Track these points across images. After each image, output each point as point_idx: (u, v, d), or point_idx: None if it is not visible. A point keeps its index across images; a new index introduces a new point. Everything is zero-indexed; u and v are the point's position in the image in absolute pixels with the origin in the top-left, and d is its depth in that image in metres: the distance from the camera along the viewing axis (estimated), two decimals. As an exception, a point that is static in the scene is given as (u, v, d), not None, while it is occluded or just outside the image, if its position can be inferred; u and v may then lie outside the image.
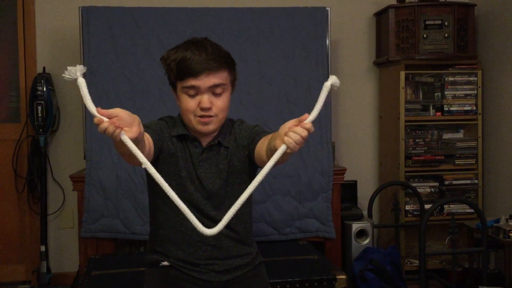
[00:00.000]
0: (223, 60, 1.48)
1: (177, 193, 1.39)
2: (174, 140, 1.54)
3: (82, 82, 1.13)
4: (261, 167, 1.31)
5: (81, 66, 1.14)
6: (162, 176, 1.30)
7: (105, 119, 1.14)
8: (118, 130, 1.14)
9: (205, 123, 1.48)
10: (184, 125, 1.55)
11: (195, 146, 1.55)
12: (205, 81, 1.44)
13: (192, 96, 1.47)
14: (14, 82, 3.39)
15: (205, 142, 1.56)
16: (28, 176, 3.30)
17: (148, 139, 1.38)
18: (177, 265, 1.55)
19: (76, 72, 1.13)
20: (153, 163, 1.44)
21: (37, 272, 3.24)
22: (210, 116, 1.47)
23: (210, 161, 1.54)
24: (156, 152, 1.46)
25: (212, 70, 1.44)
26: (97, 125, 1.14)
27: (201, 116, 1.47)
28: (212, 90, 1.47)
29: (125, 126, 1.16)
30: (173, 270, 1.55)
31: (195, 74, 1.44)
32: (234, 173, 1.56)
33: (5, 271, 3.39)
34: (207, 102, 1.45)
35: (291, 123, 1.20)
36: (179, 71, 1.46)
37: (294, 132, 1.16)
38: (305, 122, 1.17)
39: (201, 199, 1.53)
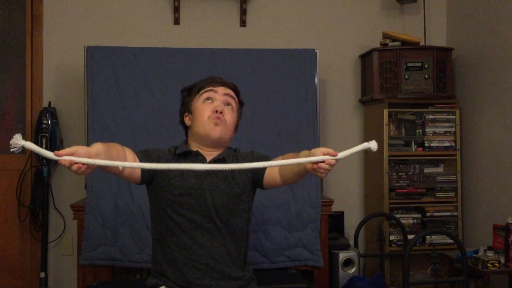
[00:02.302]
0: (236, 88, 1.76)
1: (174, 210, 1.50)
2: (176, 160, 1.60)
3: (28, 143, 1.21)
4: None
5: (16, 135, 1.21)
6: (159, 197, 1.47)
7: (67, 157, 1.21)
8: (83, 168, 1.24)
9: (217, 123, 1.61)
10: (188, 146, 1.66)
11: (200, 160, 1.62)
12: (221, 90, 1.66)
13: (208, 101, 1.64)
14: (21, 115, 3.45)
15: (209, 157, 1.63)
16: (31, 205, 3.31)
17: (131, 157, 1.51)
18: None
19: (18, 141, 1.20)
20: (148, 187, 1.59)
21: (36, 299, 3.21)
22: (221, 120, 1.62)
23: (216, 174, 1.60)
24: (144, 174, 1.56)
25: (227, 86, 1.72)
26: (66, 166, 1.22)
27: (215, 118, 1.61)
28: (226, 99, 1.65)
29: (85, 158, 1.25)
30: None
31: (214, 84, 1.70)
32: (236, 193, 1.61)
33: (6, 296, 3.37)
34: (221, 106, 1.63)
35: (322, 152, 1.36)
36: (202, 83, 1.71)
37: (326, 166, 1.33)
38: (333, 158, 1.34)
39: (200, 211, 1.58)
